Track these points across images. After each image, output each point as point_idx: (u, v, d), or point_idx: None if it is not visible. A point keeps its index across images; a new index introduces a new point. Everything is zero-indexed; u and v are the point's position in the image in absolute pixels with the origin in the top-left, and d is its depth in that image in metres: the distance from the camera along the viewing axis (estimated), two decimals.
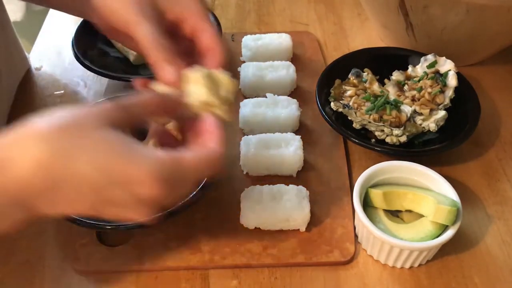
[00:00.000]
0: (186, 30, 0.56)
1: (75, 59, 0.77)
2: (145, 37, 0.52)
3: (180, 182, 0.44)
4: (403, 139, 0.68)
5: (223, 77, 0.54)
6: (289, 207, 0.60)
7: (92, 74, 0.79)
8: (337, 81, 0.75)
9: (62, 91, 0.81)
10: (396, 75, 0.76)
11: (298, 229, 0.61)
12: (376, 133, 0.69)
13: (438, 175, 0.61)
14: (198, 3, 0.55)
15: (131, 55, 0.80)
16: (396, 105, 0.70)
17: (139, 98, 0.46)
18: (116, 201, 0.42)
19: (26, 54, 0.86)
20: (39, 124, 0.42)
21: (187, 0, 0.55)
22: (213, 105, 0.51)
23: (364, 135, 0.70)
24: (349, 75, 0.75)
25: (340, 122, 0.70)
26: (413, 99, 0.72)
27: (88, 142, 0.41)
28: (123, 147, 0.42)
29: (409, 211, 0.60)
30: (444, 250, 0.59)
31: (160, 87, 0.52)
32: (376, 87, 0.74)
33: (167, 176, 0.42)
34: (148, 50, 0.52)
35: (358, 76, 0.75)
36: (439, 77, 0.73)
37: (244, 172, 0.68)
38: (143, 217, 0.44)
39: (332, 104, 0.72)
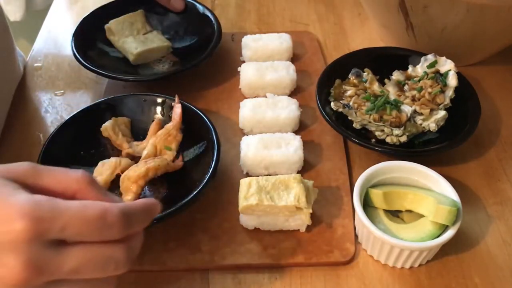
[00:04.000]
0: None
1: (75, 59, 0.77)
2: None
3: (58, 225, 0.37)
4: (403, 139, 0.68)
5: (312, 188, 0.61)
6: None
7: (92, 74, 0.79)
8: (337, 81, 0.75)
9: (62, 91, 0.81)
10: (396, 75, 0.76)
11: (298, 229, 0.61)
12: (376, 133, 0.69)
13: (438, 175, 0.61)
14: None
15: (131, 55, 0.80)
16: (396, 105, 0.70)
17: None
18: None
19: (23, 54, 0.86)
20: None
21: None
22: (304, 211, 0.58)
23: (364, 135, 0.70)
24: (349, 75, 0.75)
25: (340, 122, 0.70)
26: (413, 99, 0.72)
27: None
28: (4, 186, 0.38)
29: (409, 211, 0.60)
30: (444, 250, 0.59)
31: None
32: (376, 87, 0.74)
33: (38, 214, 0.37)
34: None
35: (358, 76, 0.75)
36: (439, 77, 0.73)
37: (244, 172, 0.68)
38: (19, 275, 0.37)
39: (332, 104, 0.72)
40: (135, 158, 0.67)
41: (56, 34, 0.92)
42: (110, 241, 0.40)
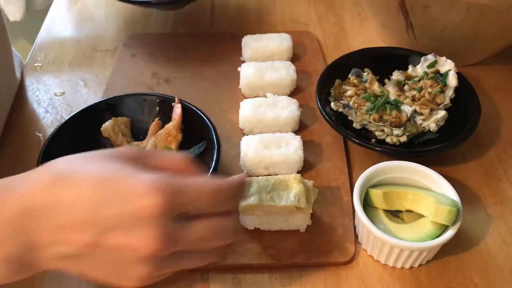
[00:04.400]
0: None
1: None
2: None
3: (185, 199, 0.41)
4: (403, 139, 0.68)
5: (312, 188, 0.60)
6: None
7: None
8: (337, 81, 0.75)
9: (62, 91, 0.81)
10: (396, 75, 0.76)
11: (298, 229, 0.61)
12: (376, 133, 0.69)
13: (438, 175, 0.61)
14: None
15: None
16: (396, 105, 0.70)
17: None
18: (118, 223, 0.40)
19: (19, 55, 0.86)
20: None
21: None
22: (305, 211, 0.58)
23: (364, 135, 0.70)
24: (349, 75, 0.75)
25: (340, 122, 0.70)
26: (413, 99, 0.72)
27: (91, 166, 0.42)
28: (125, 167, 0.42)
29: (409, 211, 0.60)
30: (444, 250, 0.59)
31: None
32: (376, 87, 0.74)
33: (168, 189, 0.40)
34: None
35: (358, 76, 0.75)
36: (439, 77, 0.73)
37: (244, 172, 0.68)
38: (153, 247, 0.40)
39: (332, 104, 0.72)
40: None
41: (56, 34, 0.92)
42: (223, 213, 0.44)
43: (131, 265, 0.41)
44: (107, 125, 0.68)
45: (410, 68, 0.76)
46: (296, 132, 0.72)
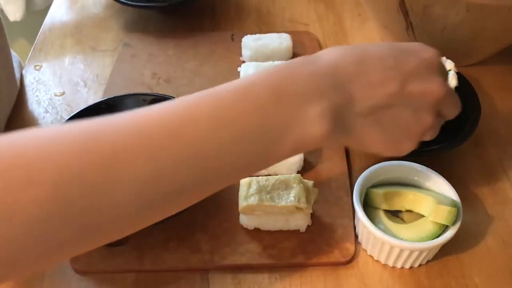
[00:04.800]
0: None
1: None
2: None
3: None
4: None
5: (312, 188, 0.61)
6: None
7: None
8: None
9: (62, 91, 0.81)
10: None
11: (298, 230, 0.61)
12: None
13: (438, 175, 0.61)
14: None
15: None
16: None
17: None
18: (414, 72, 0.47)
19: (17, 56, 0.86)
20: None
21: None
22: (305, 211, 0.59)
23: None
24: None
25: None
26: None
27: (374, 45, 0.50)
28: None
29: (409, 211, 0.60)
30: (444, 250, 0.59)
31: None
32: None
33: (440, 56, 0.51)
34: None
35: None
36: None
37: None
38: (443, 88, 0.48)
39: None
40: None
41: (56, 34, 0.92)
42: None
43: (423, 112, 0.48)
44: None
45: None
46: None
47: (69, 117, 0.69)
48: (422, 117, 0.48)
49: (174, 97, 0.69)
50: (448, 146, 0.67)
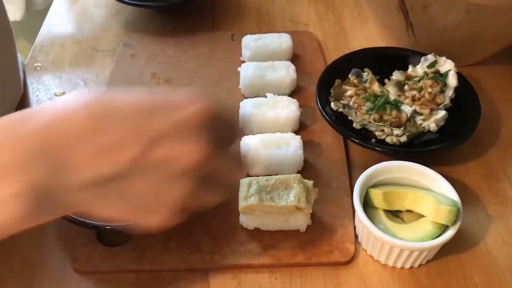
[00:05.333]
0: None
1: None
2: None
3: (217, 107, 0.44)
4: (403, 139, 0.68)
5: (312, 188, 0.60)
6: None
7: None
8: (337, 81, 0.75)
9: (62, 91, 0.81)
10: (396, 75, 0.76)
11: (298, 230, 0.61)
12: (376, 133, 0.69)
13: (438, 175, 0.61)
14: None
15: None
16: (396, 105, 0.70)
17: None
18: (167, 132, 0.39)
19: (21, 57, 0.86)
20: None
21: None
22: (305, 211, 0.58)
23: (364, 135, 0.70)
24: (349, 75, 0.75)
25: (340, 122, 0.70)
26: (413, 99, 0.72)
27: (130, 92, 0.42)
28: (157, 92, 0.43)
29: (409, 211, 0.60)
30: (444, 250, 0.59)
31: None
32: (376, 87, 0.74)
33: (204, 98, 0.43)
34: None
35: (358, 76, 0.75)
36: (439, 77, 0.73)
37: (244, 172, 0.68)
38: (200, 153, 0.40)
39: (332, 104, 0.72)
40: None
41: (56, 34, 0.92)
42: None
43: (176, 180, 0.40)
44: None
45: (410, 68, 0.76)
46: (296, 132, 0.72)
47: None
48: (174, 186, 0.40)
49: None
50: (448, 146, 0.67)
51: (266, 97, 0.73)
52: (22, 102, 0.79)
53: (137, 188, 0.39)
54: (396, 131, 0.68)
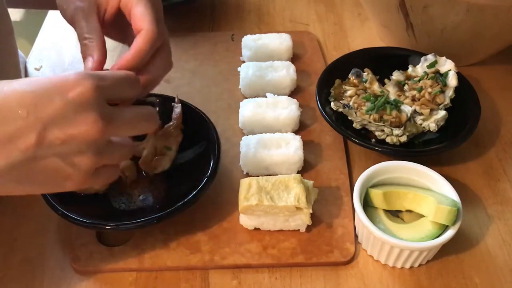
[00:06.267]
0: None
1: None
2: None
3: (107, 82, 0.45)
4: (403, 139, 0.68)
5: (312, 188, 0.60)
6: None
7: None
8: (337, 81, 0.75)
9: None
10: (396, 75, 0.76)
11: (298, 230, 0.61)
12: (376, 133, 0.69)
13: (438, 175, 0.61)
14: None
15: None
16: (396, 105, 0.70)
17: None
18: (57, 115, 0.42)
19: (23, 56, 0.86)
20: None
21: None
22: (304, 211, 0.58)
23: (364, 135, 0.70)
24: (349, 75, 0.75)
25: (340, 122, 0.70)
26: (413, 99, 0.72)
27: (13, 79, 0.43)
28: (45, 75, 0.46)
29: (409, 211, 0.60)
30: (444, 250, 0.59)
31: None
32: (376, 87, 0.74)
33: (92, 75, 0.44)
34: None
35: (358, 76, 0.75)
36: (439, 77, 0.73)
37: (244, 172, 0.68)
38: (95, 128, 0.43)
39: (332, 104, 0.72)
40: (135, 158, 0.67)
41: (56, 34, 0.92)
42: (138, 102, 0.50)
43: (76, 157, 0.43)
44: None
45: (410, 68, 0.76)
46: (296, 132, 0.72)
47: None
48: (75, 162, 0.44)
49: (174, 97, 0.69)
50: (448, 146, 0.67)
51: (266, 97, 0.73)
52: None
53: (43, 169, 0.43)
54: (396, 131, 0.68)
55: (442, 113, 0.70)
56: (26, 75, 0.84)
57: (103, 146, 0.45)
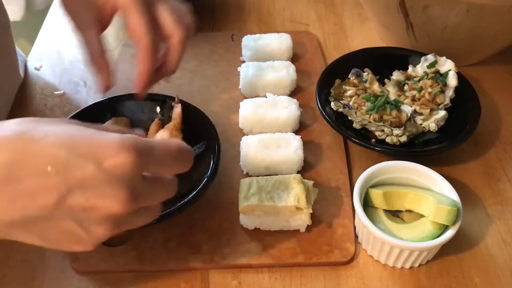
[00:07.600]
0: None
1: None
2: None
3: (152, 158, 0.41)
4: (403, 139, 0.68)
5: (312, 188, 0.60)
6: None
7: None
8: (337, 81, 0.75)
9: (62, 91, 0.81)
10: (396, 75, 0.76)
11: (298, 230, 0.61)
12: (376, 133, 0.69)
13: (438, 175, 0.61)
14: None
15: None
16: (396, 105, 0.70)
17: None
18: (86, 182, 0.38)
19: (23, 54, 0.86)
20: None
21: None
22: (304, 211, 0.58)
23: (364, 135, 0.70)
24: (349, 75, 0.75)
25: (340, 122, 0.70)
26: (413, 99, 0.72)
27: (53, 124, 0.40)
28: (88, 127, 0.41)
29: (409, 211, 0.60)
30: (444, 250, 0.59)
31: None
32: (376, 87, 0.74)
33: (137, 147, 0.39)
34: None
35: (358, 76, 0.75)
36: (439, 77, 0.73)
37: (244, 172, 0.68)
38: (122, 205, 0.39)
39: (332, 104, 0.72)
40: None
41: (56, 34, 0.92)
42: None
43: (92, 225, 0.40)
44: None
45: (410, 68, 0.76)
46: (296, 132, 0.72)
47: (69, 117, 0.68)
48: (91, 230, 0.41)
49: (174, 97, 0.69)
50: (448, 146, 0.67)
51: (266, 97, 0.73)
52: (22, 102, 0.79)
53: (56, 229, 0.41)
54: (396, 131, 0.68)
55: (442, 113, 0.70)
56: (26, 74, 0.84)
57: (124, 218, 0.41)
